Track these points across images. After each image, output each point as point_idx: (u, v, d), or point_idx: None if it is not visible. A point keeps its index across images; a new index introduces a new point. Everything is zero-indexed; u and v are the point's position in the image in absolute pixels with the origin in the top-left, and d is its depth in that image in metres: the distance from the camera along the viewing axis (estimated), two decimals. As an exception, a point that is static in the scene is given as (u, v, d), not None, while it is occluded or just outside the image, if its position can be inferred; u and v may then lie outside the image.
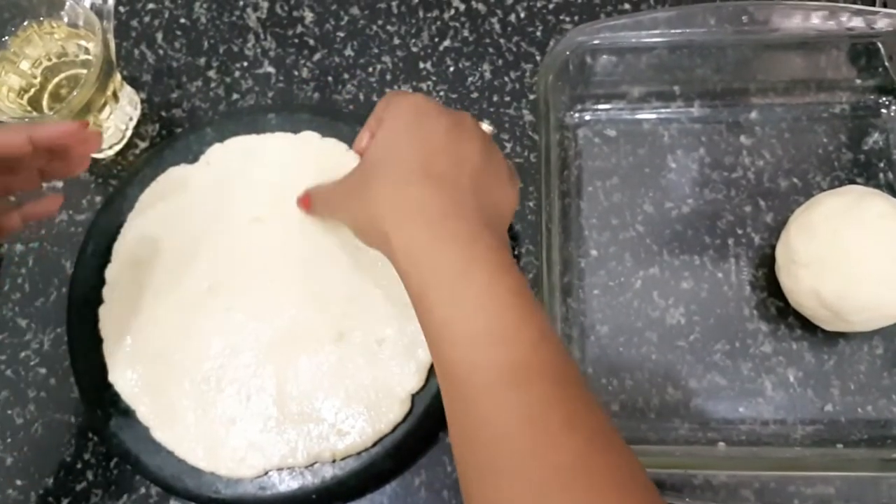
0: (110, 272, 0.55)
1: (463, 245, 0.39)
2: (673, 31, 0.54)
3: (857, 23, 0.53)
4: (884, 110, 0.58)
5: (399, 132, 0.44)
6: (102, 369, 0.53)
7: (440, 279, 0.39)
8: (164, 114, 0.62)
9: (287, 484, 0.50)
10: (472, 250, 0.39)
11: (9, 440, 0.55)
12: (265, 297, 0.53)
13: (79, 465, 0.54)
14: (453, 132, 0.44)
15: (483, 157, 0.44)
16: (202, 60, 0.63)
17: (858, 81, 0.58)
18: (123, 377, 0.52)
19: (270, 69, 0.63)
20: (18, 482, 0.54)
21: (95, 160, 0.61)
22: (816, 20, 0.54)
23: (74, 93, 0.52)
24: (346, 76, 0.62)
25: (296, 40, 0.63)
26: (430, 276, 0.39)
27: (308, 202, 0.53)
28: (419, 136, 0.43)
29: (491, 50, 0.62)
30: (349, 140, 0.55)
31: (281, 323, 0.52)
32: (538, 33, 0.62)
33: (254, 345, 0.52)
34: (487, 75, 0.61)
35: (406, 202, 0.41)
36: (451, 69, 0.62)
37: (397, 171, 0.42)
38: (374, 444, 0.50)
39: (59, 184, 0.60)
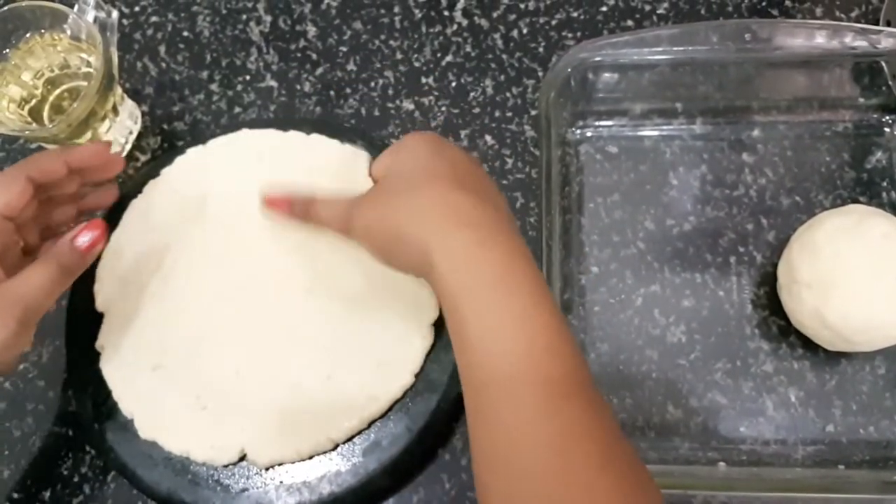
0: (99, 292, 0.55)
1: (504, 253, 0.39)
2: (675, 48, 0.54)
3: (861, 42, 0.53)
4: (887, 129, 0.58)
5: (424, 153, 0.45)
6: (100, 382, 0.52)
7: (481, 286, 0.38)
8: (165, 127, 0.62)
9: (284, 500, 0.49)
10: (513, 262, 0.38)
11: (6, 453, 0.54)
12: (266, 299, 0.53)
13: (76, 479, 0.54)
14: (472, 161, 0.46)
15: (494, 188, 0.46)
16: (205, 74, 0.63)
17: (862, 100, 0.58)
18: (121, 390, 0.52)
19: (273, 83, 0.63)
20: (15, 495, 0.54)
21: (97, 172, 0.61)
22: (820, 39, 0.53)
23: (74, 105, 0.52)
24: (348, 90, 0.62)
25: (298, 54, 0.63)
26: (471, 282, 0.38)
27: (284, 206, 0.50)
28: (445, 157, 0.44)
29: (493, 65, 0.62)
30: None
31: (287, 324, 0.52)
32: (540, 49, 0.62)
33: (258, 350, 0.51)
34: (489, 91, 0.61)
35: (449, 208, 0.40)
36: (454, 84, 0.62)
37: (433, 181, 0.42)
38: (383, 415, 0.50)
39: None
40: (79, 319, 0.55)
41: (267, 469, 0.50)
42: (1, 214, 0.46)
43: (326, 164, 0.56)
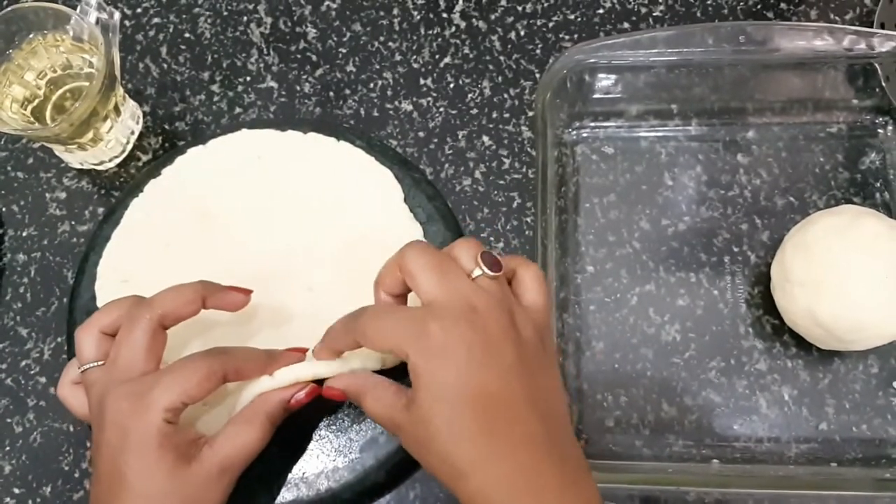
0: (100, 290, 0.55)
1: None
2: (671, 50, 0.54)
3: (855, 44, 0.53)
4: (881, 130, 0.58)
5: (457, 368, 0.38)
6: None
7: None
8: (167, 127, 0.62)
9: (282, 496, 0.50)
10: None
11: (7, 448, 0.55)
12: (269, 297, 0.52)
13: (77, 475, 0.54)
14: (520, 363, 0.39)
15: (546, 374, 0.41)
16: (206, 75, 0.64)
17: (855, 101, 0.59)
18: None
19: (273, 84, 0.63)
20: (16, 490, 0.54)
21: (98, 172, 0.61)
22: (814, 41, 0.54)
23: (76, 104, 0.53)
24: (347, 91, 0.63)
25: (298, 56, 0.64)
26: None
27: (341, 397, 0.46)
28: (482, 380, 0.38)
29: (491, 67, 0.62)
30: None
31: (290, 322, 0.52)
32: (538, 51, 0.62)
33: (261, 346, 0.51)
34: (487, 92, 0.62)
35: (525, 482, 0.38)
36: (452, 85, 0.62)
37: (508, 445, 0.38)
38: None
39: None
40: (80, 317, 0.55)
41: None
42: (182, 401, 0.42)
43: (323, 162, 0.56)
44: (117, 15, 0.55)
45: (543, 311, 0.42)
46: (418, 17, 0.64)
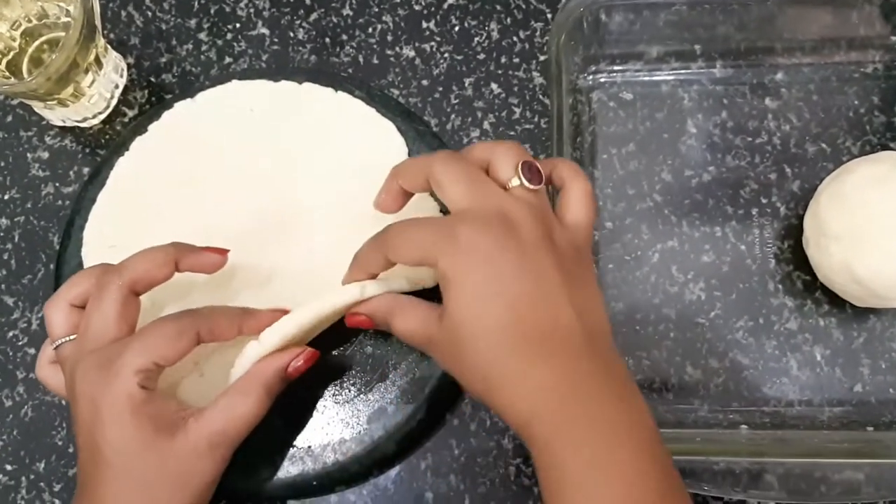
0: (87, 256, 0.52)
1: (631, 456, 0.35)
2: (694, -16, 0.51)
3: (893, -26, 0.50)
4: (920, 69, 0.55)
5: (489, 269, 0.37)
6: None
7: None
8: (153, 79, 0.59)
9: (286, 470, 0.48)
10: (619, 436, 0.35)
11: (-2, 423, 0.53)
12: (265, 258, 0.50)
13: (71, 450, 0.52)
14: (558, 270, 0.37)
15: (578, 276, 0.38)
16: (192, 22, 0.60)
17: (893, 38, 0.55)
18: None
19: (264, 30, 0.60)
20: (8, 467, 0.52)
21: (81, 129, 0.58)
22: (848, -29, 0.50)
23: (53, 57, 0.49)
24: (344, 37, 0.59)
25: (291, -1, 0.60)
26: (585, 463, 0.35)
27: (367, 324, 0.44)
28: (516, 281, 0.37)
29: (499, 7, 0.59)
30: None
31: (288, 281, 0.50)
32: (549, -11, 0.59)
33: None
34: (495, 35, 0.58)
35: (569, 389, 0.36)
36: (457, 28, 0.58)
37: (543, 350, 0.36)
38: None
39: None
40: (67, 284, 0.52)
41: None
42: (154, 362, 0.40)
43: (320, 114, 0.54)
44: (94, -42, 0.52)
45: (584, 231, 0.41)
46: (419, -45, 0.60)
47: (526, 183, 0.39)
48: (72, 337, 0.42)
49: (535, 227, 0.38)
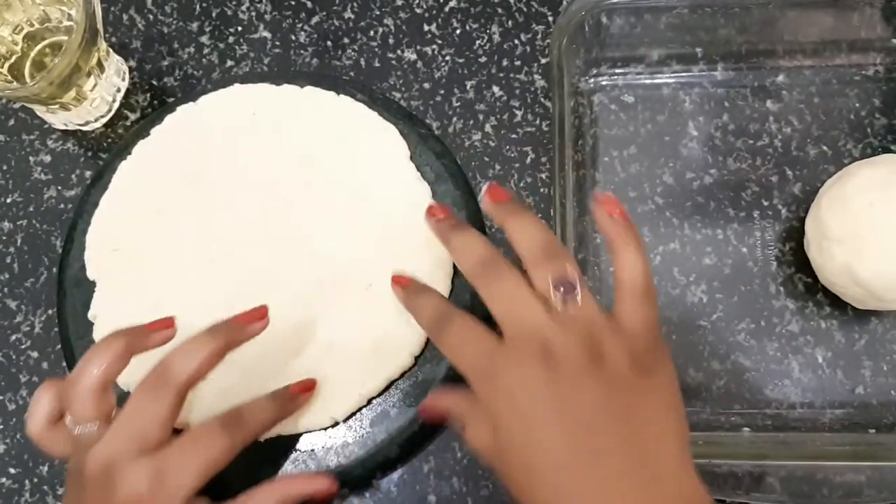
0: (90, 260, 0.52)
1: None
2: (695, -13, 0.51)
3: (894, -23, 0.50)
4: (921, 72, 0.55)
5: (524, 419, 0.35)
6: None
7: None
8: (155, 83, 0.59)
9: (289, 473, 0.48)
10: None
11: (0, 426, 0.53)
12: (266, 262, 0.50)
13: (74, 453, 0.52)
14: (606, 401, 0.35)
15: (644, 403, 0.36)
16: (194, 25, 0.60)
17: (894, 41, 0.55)
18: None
19: (266, 34, 0.59)
20: (12, 470, 0.52)
21: (84, 133, 0.58)
22: (848, -26, 0.50)
23: (55, 61, 0.49)
24: (346, 40, 0.59)
25: (292, 2, 0.60)
26: None
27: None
28: (554, 428, 0.35)
29: (500, 10, 0.58)
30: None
31: (287, 288, 0.50)
32: (550, -8, 0.59)
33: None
34: (496, 38, 0.58)
35: None
36: (458, 31, 0.58)
37: (556, 481, 0.35)
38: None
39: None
40: (72, 287, 0.52)
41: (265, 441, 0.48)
42: (205, 480, 0.40)
43: (322, 117, 0.54)
44: (95, -38, 0.52)
45: (643, 338, 0.37)
46: (421, -42, 0.60)
47: (560, 305, 0.36)
48: (95, 424, 0.40)
49: (577, 353, 0.35)
